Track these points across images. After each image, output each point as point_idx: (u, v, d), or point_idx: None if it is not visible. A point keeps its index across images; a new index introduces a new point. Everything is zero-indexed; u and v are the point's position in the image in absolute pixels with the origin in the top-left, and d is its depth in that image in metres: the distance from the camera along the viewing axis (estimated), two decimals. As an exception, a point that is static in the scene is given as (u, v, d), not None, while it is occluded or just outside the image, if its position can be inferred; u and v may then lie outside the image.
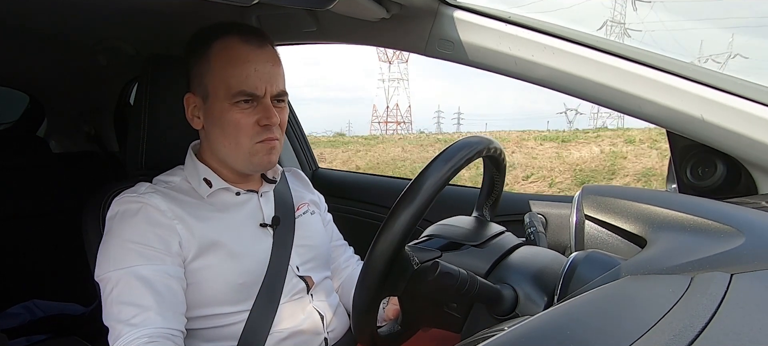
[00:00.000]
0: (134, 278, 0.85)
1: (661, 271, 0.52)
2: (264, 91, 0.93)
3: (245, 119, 0.93)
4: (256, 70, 0.92)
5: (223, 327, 0.94)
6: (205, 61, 0.94)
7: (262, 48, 0.95)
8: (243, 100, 0.92)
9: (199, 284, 0.92)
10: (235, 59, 0.92)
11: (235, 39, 0.93)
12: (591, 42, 0.95)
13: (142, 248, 0.87)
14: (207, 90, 0.95)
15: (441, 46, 1.06)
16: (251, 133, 0.94)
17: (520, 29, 0.98)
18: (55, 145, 2.00)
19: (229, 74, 0.92)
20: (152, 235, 0.88)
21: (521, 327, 0.42)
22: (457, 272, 0.66)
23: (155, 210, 0.90)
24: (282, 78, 0.97)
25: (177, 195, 0.96)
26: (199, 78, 0.96)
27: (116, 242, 0.88)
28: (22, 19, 1.31)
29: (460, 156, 0.66)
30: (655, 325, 0.39)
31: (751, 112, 0.84)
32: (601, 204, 0.67)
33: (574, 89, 0.96)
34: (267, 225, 1.01)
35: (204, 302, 0.93)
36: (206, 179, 0.98)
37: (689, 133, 0.90)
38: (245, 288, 0.95)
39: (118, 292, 0.85)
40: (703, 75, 0.88)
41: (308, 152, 1.89)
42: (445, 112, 51.35)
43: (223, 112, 0.93)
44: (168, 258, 0.88)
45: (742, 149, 0.86)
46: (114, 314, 0.84)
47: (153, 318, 0.82)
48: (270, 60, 0.95)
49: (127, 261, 0.86)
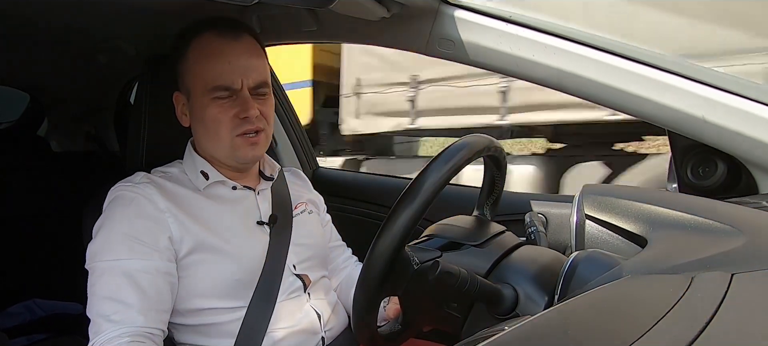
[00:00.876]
0: (119, 272, 0.85)
1: (662, 271, 0.52)
2: (241, 84, 0.93)
3: (223, 113, 0.93)
4: (231, 63, 0.92)
5: (220, 324, 0.94)
6: (184, 59, 0.95)
7: (238, 40, 0.94)
8: (220, 94, 0.93)
9: (193, 278, 0.92)
10: (210, 54, 0.93)
11: (212, 33, 0.94)
12: (592, 41, 0.94)
13: (130, 242, 0.87)
14: (188, 87, 0.95)
15: (441, 46, 1.06)
16: (230, 127, 0.94)
17: (521, 29, 0.98)
18: (55, 145, 2.00)
19: (205, 69, 0.93)
20: (142, 228, 0.88)
21: (522, 327, 0.42)
22: (457, 271, 0.66)
23: (148, 202, 0.91)
24: (262, 69, 0.97)
25: (173, 186, 0.96)
26: (182, 76, 0.97)
27: (106, 231, 0.89)
28: (22, 19, 1.31)
29: (461, 156, 0.66)
30: (656, 325, 0.39)
31: (752, 112, 0.84)
32: (602, 204, 0.67)
33: (575, 89, 0.96)
34: (264, 223, 1.01)
35: (199, 294, 0.92)
36: (203, 172, 0.98)
37: (690, 132, 0.90)
38: (241, 285, 0.95)
39: (102, 285, 0.85)
40: (704, 74, 0.88)
41: (308, 152, 1.89)
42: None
43: (203, 108, 0.94)
44: (156, 253, 0.88)
45: (742, 149, 0.86)
46: (96, 307, 0.84)
47: (134, 317, 0.82)
48: (247, 52, 0.95)
49: (114, 253, 0.86)
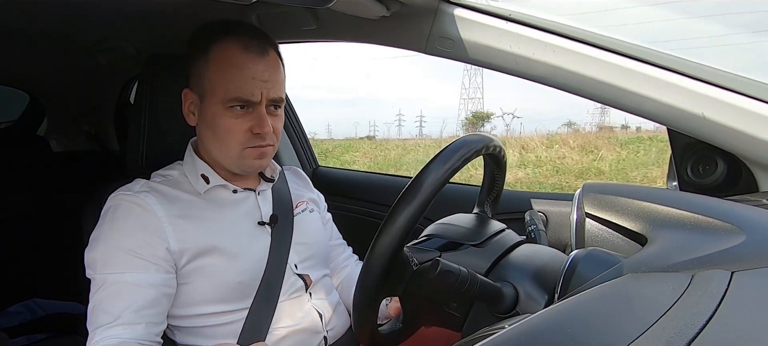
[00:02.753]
0: (116, 285, 0.86)
1: (662, 269, 0.52)
2: (260, 98, 0.92)
3: (238, 126, 0.93)
4: (254, 78, 0.91)
5: (222, 325, 0.94)
6: (204, 61, 0.93)
7: (262, 56, 0.93)
8: (238, 106, 0.92)
9: (195, 283, 0.92)
10: (234, 65, 0.91)
11: (236, 44, 0.92)
12: (592, 39, 0.94)
13: (127, 256, 0.87)
14: (204, 90, 0.94)
15: (441, 44, 1.05)
16: (242, 140, 0.93)
17: (520, 27, 0.98)
18: (55, 145, 2.01)
19: (226, 79, 0.91)
20: (140, 241, 0.88)
21: (522, 325, 0.42)
22: (457, 270, 0.66)
23: (147, 212, 0.90)
24: (280, 84, 0.96)
25: (173, 192, 0.95)
26: (198, 77, 0.95)
27: (105, 243, 0.88)
28: (22, 19, 1.31)
29: (460, 155, 0.66)
30: (656, 323, 0.39)
31: (752, 110, 0.83)
32: (602, 202, 0.67)
33: (575, 87, 0.96)
34: (265, 223, 1.01)
35: (200, 300, 0.93)
36: (204, 175, 0.98)
37: (690, 130, 0.90)
38: (243, 287, 0.95)
39: (100, 297, 0.85)
40: (704, 72, 0.88)
41: (309, 151, 1.90)
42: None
43: (217, 116, 0.93)
44: (153, 266, 0.88)
45: (742, 147, 0.86)
46: (93, 316, 0.85)
47: (124, 331, 0.83)
48: (270, 67, 0.94)
49: (112, 266, 0.87)
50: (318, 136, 24.46)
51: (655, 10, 22.70)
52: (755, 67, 0.88)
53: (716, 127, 0.86)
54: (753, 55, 6.59)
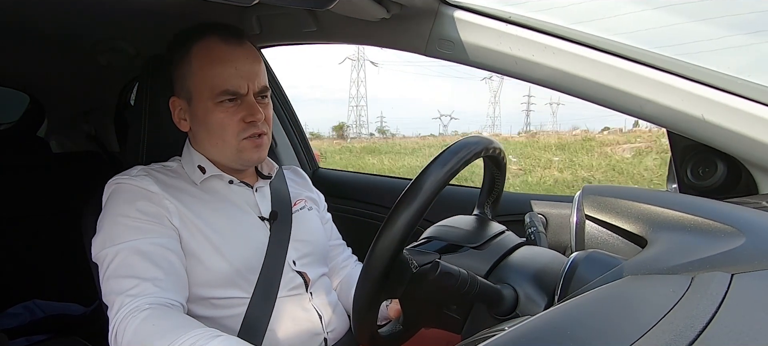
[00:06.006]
0: (132, 252, 0.85)
1: (662, 271, 0.52)
2: (247, 89, 0.94)
3: (230, 118, 0.94)
4: (238, 68, 0.93)
5: (220, 318, 0.94)
6: (186, 62, 0.95)
7: (242, 46, 0.96)
8: (227, 99, 0.94)
9: (191, 267, 0.92)
10: (216, 59, 0.93)
11: (215, 39, 0.94)
12: (592, 42, 0.94)
13: (136, 222, 0.87)
14: (190, 92, 0.96)
15: (441, 46, 1.06)
16: (237, 131, 0.95)
17: (520, 29, 0.98)
18: (55, 145, 2.01)
19: (211, 75, 0.93)
20: (145, 209, 0.89)
21: (521, 327, 0.42)
22: (457, 271, 0.66)
23: (146, 191, 0.92)
24: (263, 74, 0.99)
25: (170, 180, 0.97)
26: (182, 80, 0.97)
27: (110, 219, 0.89)
28: (22, 20, 1.31)
29: (459, 157, 0.66)
30: (656, 325, 0.39)
31: (752, 112, 0.84)
32: (602, 204, 0.67)
33: (575, 89, 0.96)
34: (265, 219, 1.02)
35: (197, 282, 0.92)
36: (200, 166, 0.99)
37: (690, 133, 0.90)
38: (240, 275, 0.95)
39: (116, 266, 0.84)
40: (703, 75, 0.88)
41: (308, 152, 1.89)
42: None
43: (208, 113, 0.94)
44: (163, 229, 0.89)
45: (742, 149, 0.86)
46: (112, 287, 0.83)
47: (152, 289, 0.82)
48: (250, 57, 0.96)
49: (124, 237, 0.86)
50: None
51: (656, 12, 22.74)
52: (755, 67, 0.88)
53: (716, 129, 0.86)
54: (753, 55, 6.64)
